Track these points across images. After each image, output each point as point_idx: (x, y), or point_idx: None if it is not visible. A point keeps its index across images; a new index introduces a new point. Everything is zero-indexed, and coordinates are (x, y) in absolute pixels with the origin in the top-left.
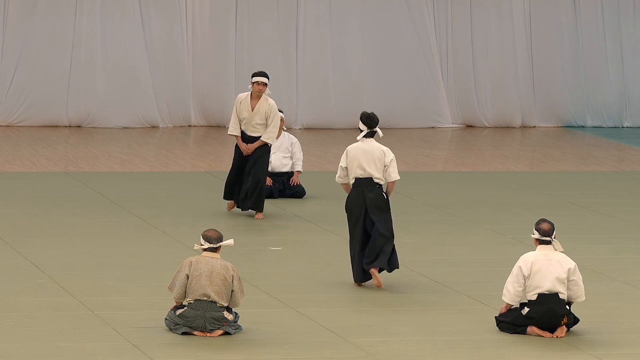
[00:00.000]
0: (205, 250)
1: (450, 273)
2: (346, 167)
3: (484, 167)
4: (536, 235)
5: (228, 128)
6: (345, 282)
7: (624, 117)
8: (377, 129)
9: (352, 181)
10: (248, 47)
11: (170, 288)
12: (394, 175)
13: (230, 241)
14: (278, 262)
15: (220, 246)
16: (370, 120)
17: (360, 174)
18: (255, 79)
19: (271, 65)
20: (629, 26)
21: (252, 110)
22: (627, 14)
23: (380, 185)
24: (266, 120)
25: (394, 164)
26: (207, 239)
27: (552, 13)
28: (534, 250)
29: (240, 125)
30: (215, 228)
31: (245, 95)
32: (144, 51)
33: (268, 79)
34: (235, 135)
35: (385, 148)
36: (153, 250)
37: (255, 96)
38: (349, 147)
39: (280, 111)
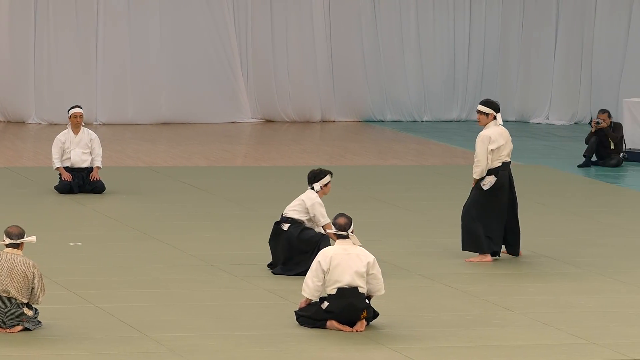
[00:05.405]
0: (7, 246)
1: (251, 267)
2: None
3: (283, 161)
4: (333, 229)
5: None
6: (146, 278)
7: (422, 111)
8: None
9: None
10: (47, 44)
11: None
12: None
13: (33, 238)
14: (78, 257)
15: (22, 243)
16: None
17: None
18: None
19: (70, 62)
20: (428, 21)
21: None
22: (425, 10)
23: None
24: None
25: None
26: (8, 234)
27: (352, 9)
28: None
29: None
30: (18, 224)
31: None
32: None
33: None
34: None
35: None
36: None
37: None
38: None
39: (80, 107)
